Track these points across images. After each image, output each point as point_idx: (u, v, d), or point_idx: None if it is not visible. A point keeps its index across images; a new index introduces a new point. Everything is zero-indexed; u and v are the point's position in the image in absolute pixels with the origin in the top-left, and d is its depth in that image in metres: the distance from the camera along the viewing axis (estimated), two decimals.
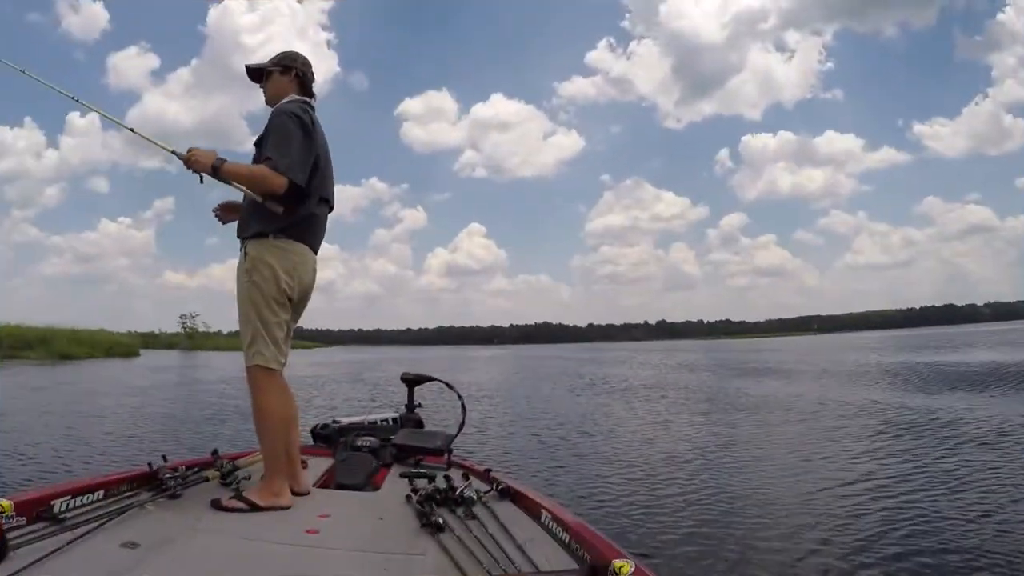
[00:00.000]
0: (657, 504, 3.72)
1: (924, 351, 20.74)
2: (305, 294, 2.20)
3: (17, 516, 1.56)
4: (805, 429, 6.52)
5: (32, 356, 20.03)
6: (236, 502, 1.91)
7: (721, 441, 5.98)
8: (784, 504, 3.72)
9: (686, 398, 10.13)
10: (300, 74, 2.25)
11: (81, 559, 1.41)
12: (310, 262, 2.18)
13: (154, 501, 1.87)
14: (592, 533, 1.55)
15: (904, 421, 6.67)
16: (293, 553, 1.60)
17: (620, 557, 1.32)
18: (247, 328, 2.07)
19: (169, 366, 21.39)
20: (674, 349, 31.70)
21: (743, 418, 7.50)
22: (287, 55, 2.28)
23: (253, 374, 2.08)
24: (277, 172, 1.98)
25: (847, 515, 3.43)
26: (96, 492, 1.83)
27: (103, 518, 1.63)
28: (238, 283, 2.11)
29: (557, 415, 8.20)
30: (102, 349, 24.87)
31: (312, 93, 2.28)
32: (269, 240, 2.06)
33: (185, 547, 1.56)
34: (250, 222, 2.10)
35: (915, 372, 12.64)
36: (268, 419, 2.06)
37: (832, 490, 3.97)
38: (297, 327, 2.26)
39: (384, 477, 2.45)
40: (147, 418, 7.78)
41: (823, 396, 9.31)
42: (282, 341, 2.12)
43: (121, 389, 12.41)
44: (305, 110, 2.15)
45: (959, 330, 57.97)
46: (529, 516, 1.87)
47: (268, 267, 2.05)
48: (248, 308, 2.07)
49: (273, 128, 2.07)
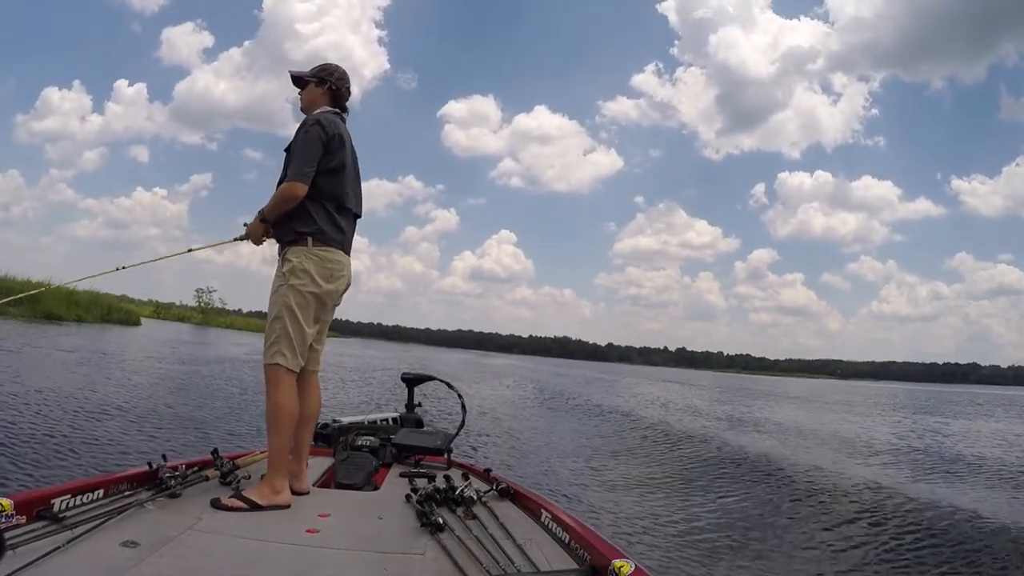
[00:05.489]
0: (657, 505, 3.72)
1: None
2: (340, 297, 2.29)
3: (17, 515, 1.56)
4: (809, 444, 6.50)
5: (12, 312, 17.88)
6: (236, 501, 1.91)
7: (721, 446, 5.99)
8: (784, 504, 3.72)
9: (693, 414, 10.04)
10: (334, 87, 2.32)
11: (81, 558, 1.41)
12: (346, 266, 2.26)
13: (154, 500, 1.87)
14: (592, 533, 1.54)
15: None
16: (293, 552, 1.59)
17: (620, 557, 1.32)
18: (275, 327, 2.13)
19: (165, 340, 19.81)
20: (693, 381, 30.32)
21: (748, 430, 7.51)
22: (326, 68, 2.35)
23: (271, 372, 2.12)
24: (291, 183, 2.12)
25: (845, 519, 3.44)
26: (96, 491, 1.83)
27: (103, 517, 1.62)
28: (274, 283, 2.18)
29: (560, 422, 8.20)
30: (97, 313, 22.61)
31: (344, 107, 2.36)
32: (308, 247, 2.14)
33: (185, 546, 1.56)
34: (287, 227, 2.18)
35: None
36: (280, 416, 2.08)
37: (832, 494, 3.98)
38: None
39: (384, 477, 2.45)
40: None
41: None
42: (307, 345, 2.18)
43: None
44: (333, 121, 2.22)
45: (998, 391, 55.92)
46: (529, 516, 1.87)
47: (306, 274, 2.13)
48: (281, 309, 2.12)
49: (296, 141, 2.18)
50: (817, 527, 3.36)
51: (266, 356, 2.13)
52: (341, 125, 2.26)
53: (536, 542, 1.63)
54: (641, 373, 40.34)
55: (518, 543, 1.59)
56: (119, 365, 10.10)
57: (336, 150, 2.18)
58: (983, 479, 5.57)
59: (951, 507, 3.75)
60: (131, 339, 18.30)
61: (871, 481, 4.43)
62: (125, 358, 11.57)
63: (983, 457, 7.06)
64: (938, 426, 11.81)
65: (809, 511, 3.68)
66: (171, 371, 10.42)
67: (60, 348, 11.63)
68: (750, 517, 3.53)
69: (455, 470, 2.48)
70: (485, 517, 1.81)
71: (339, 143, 2.19)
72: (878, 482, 4.43)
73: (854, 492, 4.14)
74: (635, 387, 18.48)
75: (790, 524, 3.40)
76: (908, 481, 5.01)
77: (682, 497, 3.92)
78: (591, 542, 1.48)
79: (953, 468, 6.07)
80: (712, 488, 4.12)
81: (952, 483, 5.22)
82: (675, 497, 3.92)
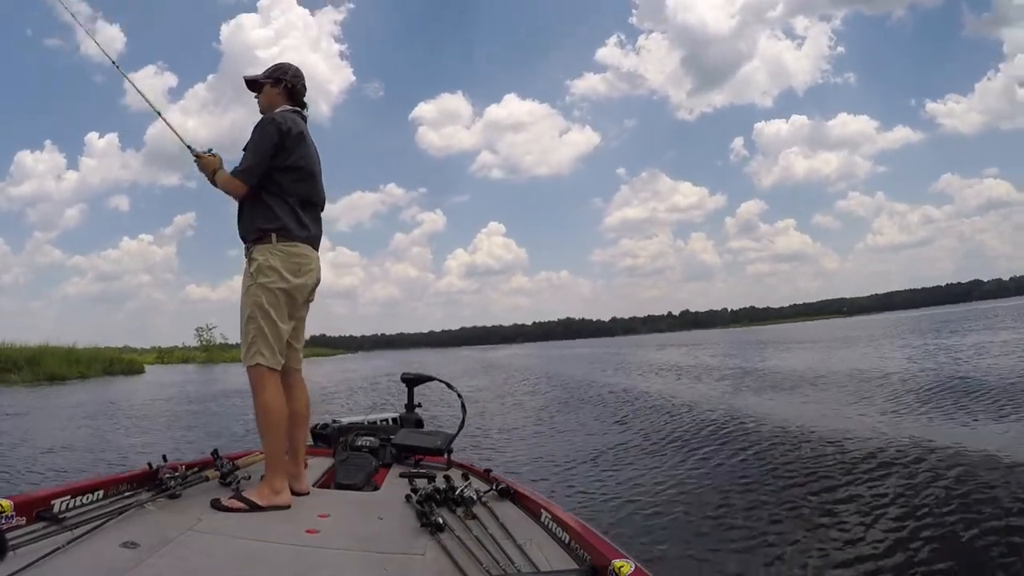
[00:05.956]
0: (657, 505, 3.72)
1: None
2: (311, 292, 2.29)
3: (17, 516, 1.56)
4: (815, 432, 6.39)
5: (15, 379, 17.84)
6: (236, 502, 1.92)
7: (731, 430, 5.88)
8: (785, 505, 3.70)
9: (694, 397, 9.92)
10: (290, 86, 2.33)
11: (81, 559, 1.41)
12: (313, 260, 2.26)
13: (154, 501, 1.87)
14: (592, 533, 1.54)
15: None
16: (293, 553, 1.59)
17: (620, 557, 1.32)
18: (250, 328, 2.13)
19: (171, 382, 19.49)
20: (698, 343, 29.23)
21: (756, 399, 7.39)
22: (279, 67, 2.36)
23: (254, 374, 2.12)
24: (235, 178, 2.17)
25: (855, 518, 3.39)
26: (96, 492, 1.83)
27: (103, 518, 1.63)
28: (243, 285, 2.18)
29: (559, 414, 8.19)
30: (99, 367, 22.41)
31: (303, 104, 2.37)
32: (273, 244, 2.14)
33: (185, 547, 1.56)
34: (250, 226, 2.19)
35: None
36: (269, 417, 2.09)
37: (839, 491, 3.93)
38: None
39: (384, 477, 2.45)
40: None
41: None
42: (284, 342, 2.19)
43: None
44: (292, 119, 2.24)
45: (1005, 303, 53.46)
46: (529, 516, 1.87)
47: (273, 270, 2.13)
48: (253, 309, 2.12)
49: (251, 136, 2.20)
50: (835, 521, 3.24)
51: (245, 359, 2.13)
52: (301, 122, 2.28)
53: (536, 542, 1.63)
54: (646, 343, 39.04)
55: (518, 543, 1.59)
56: (125, 413, 10.08)
57: (295, 147, 2.19)
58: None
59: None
60: (135, 387, 17.79)
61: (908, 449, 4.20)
62: (133, 403, 11.49)
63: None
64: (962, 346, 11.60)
65: (827, 506, 3.55)
66: (178, 410, 10.26)
67: (68, 404, 11.57)
68: (760, 508, 3.47)
69: (455, 470, 2.48)
70: (485, 517, 1.81)
71: (298, 139, 2.21)
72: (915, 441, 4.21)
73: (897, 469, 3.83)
74: (636, 361, 17.74)
75: (801, 519, 3.34)
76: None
77: (684, 493, 3.91)
78: (591, 542, 1.48)
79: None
80: (717, 482, 4.09)
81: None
82: (676, 494, 3.90)
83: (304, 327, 2.35)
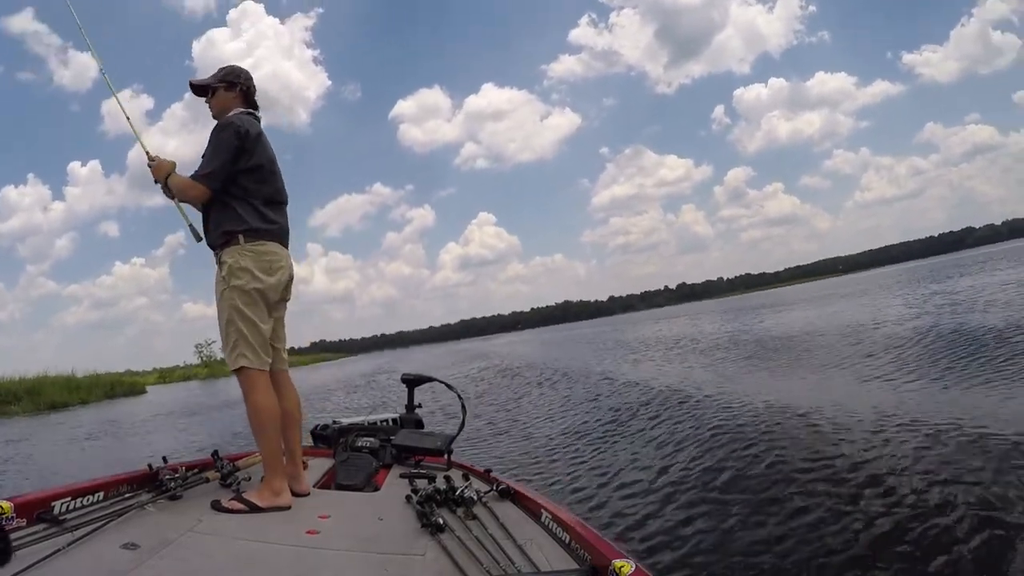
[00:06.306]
0: (658, 505, 3.72)
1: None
2: (286, 290, 2.28)
3: (17, 518, 1.56)
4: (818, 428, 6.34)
5: (15, 410, 17.82)
6: (236, 503, 1.92)
7: (730, 417, 5.85)
8: (787, 504, 3.70)
9: (698, 387, 9.84)
10: (244, 88, 2.33)
11: (81, 560, 1.41)
12: (284, 257, 2.26)
13: (154, 502, 1.87)
14: (592, 533, 1.54)
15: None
16: (293, 553, 1.59)
17: (620, 557, 1.32)
18: (230, 332, 2.12)
19: (173, 399, 19.55)
20: (693, 315, 28.68)
21: (753, 417, 7.39)
22: (231, 70, 2.35)
23: (241, 377, 2.12)
24: (197, 182, 2.15)
25: (858, 516, 3.37)
26: (96, 493, 1.83)
27: (103, 519, 1.63)
28: (216, 290, 2.17)
29: (559, 414, 8.18)
30: (100, 392, 22.41)
31: (255, 104, 2.37)
32: (241, 245, 2.14)
33: (185, 548, 1.56)
34: (216, 231, 2.18)
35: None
36: (260, 417, 2.08)
37: (845, 488, 3.89)
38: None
39: (384, 477, 2.45)
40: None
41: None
42: (267, 342, 2.18)
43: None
44: (249, 122, 2.23)
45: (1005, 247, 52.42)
46: (529, 516, 1.87)
47: (245, 271, 2.12)
48: (230, 313, 2.12)
49: (209, 142, 2.18)
50: (838, 520, 3.22)
51: (230, 363, 2.13)
52: (256, 124, 2.28)
53: (536, 542, 1.63)
54: (643, 319, 38.76)
55: (518, 543, 1.59)
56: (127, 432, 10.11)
57: (255, 149, 2.19)
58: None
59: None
60: (136, 407, 17.76)
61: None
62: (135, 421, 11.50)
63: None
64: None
65: (831, 503, 3.53)
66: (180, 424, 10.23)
67: (69, 426, 11.62)
68: (761, 508, 3.47)
69: (455, 471, 2.48)
70: (485, 517, 1.81)
71: (257, 140, 2.21)
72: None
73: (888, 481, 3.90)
74: (631, 339, 17.48)
75: (804, 518, 3.33)
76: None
77: (684, 493, 3.90)
78: (591, 542, 1.48)
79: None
80: (717, 481, 4.09)
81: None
82: (676, 494, 3.90)
83: (284, 326, 2.33)
